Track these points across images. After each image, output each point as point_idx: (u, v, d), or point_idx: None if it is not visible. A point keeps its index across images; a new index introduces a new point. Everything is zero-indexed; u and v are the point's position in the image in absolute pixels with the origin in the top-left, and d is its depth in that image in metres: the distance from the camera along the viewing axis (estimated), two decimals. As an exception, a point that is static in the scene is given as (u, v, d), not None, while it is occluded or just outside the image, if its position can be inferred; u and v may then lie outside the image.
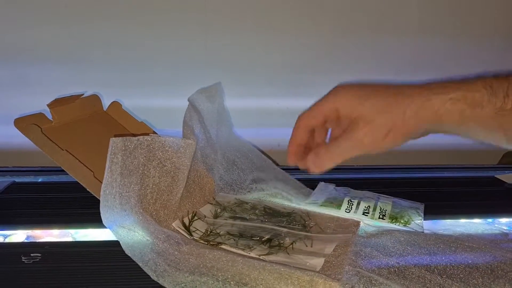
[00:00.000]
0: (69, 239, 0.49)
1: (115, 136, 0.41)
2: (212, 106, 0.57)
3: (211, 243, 0.43)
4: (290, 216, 0.50)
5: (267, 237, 0.45)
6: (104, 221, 0.41)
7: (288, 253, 0.42)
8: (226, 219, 0.48)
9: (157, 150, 0.44)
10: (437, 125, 0.41)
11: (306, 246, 0.44)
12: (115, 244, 0.44)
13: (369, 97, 0.42)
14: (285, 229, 0.46)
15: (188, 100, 0.53)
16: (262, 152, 0.63)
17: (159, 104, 0.63)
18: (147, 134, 0.43)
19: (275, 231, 0.45)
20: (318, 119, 0.45)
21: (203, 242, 0.44)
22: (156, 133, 0.55)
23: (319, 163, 0.44)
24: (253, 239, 0.44)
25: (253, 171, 0.58)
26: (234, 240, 0.44)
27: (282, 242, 0.44)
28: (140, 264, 0.39)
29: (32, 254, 0.43)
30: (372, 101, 0.42)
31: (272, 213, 0.50)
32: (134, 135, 0.42)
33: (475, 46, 0.67)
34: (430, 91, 0.41)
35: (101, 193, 0.40)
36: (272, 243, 0.44)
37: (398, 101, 0.41)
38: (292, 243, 0.44)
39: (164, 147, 0.44)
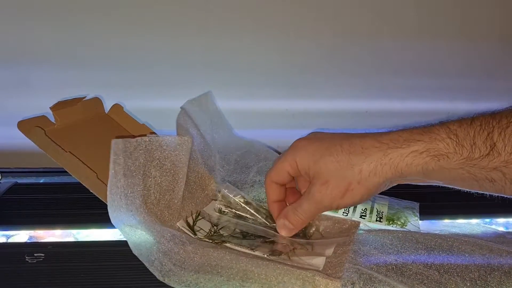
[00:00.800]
0: (71, 239, 0.50)
1: (116, 137, 0.41)
2: (205, 114, 0.58)
3: (215, 241, 0.44)
4: None
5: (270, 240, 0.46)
6: (112, 221, 0.42)
7: (289, 257, 0.43)
8: (229, 219, 0.49)
9: (155, 150, 0.45)
10: (398, 179, 0.40)
11: (307, 249, 0.45)
12: (117, 244, 0.45)
13: (322, 155, 0.42)
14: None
15: (181, 108, 0.54)
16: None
17: (159, 106, 0.63)
18: (145, 135, 0.44)
19: (277, 238, 0.46)
20: (282, 176, 0.46)
21: (207, 240, 0.44)
22: (155, 133, 0.56)
23: (295, 224, 0.45)
24: (257, 241, 0.45)
25: (258, 162, 0.58)
26: (238, 239, 0.45)
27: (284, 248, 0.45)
28: (146, 264, 0.40)
29: (35, 254, 0.43)
30: (325, 160, 0.41)
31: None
32: (135, 137, 0.43)
33: (473, 47, 0.68)
34: (387, 145, 0.39)
35: (108, 193, 0.41)
36: (274, 247, 0.44)
37: (351, 160, 0.40)
38: (293, 249, 0.44)
39: (162, 147, 0.45)
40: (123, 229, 0.42)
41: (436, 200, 0.58)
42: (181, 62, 0.63)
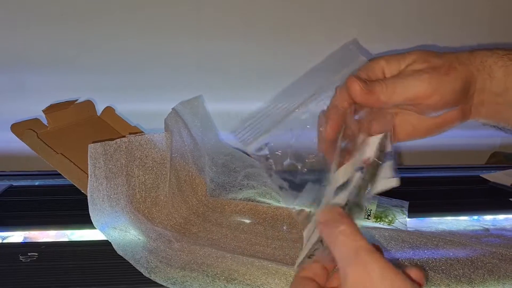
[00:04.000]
0: (65, 239, 0.51)
1: (94, 141, 0.42)
2: (195, 117, 0.59)
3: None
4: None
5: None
6: (95, 224, 0.43)
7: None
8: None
9: (136, 150, 0.45)
10: (485, 82, 0.38)
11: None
12: (108, 243, 0.45)
13: None
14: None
15: (172, 109, 0.55)
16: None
17: (151, 108, 0.64)
18: (124, 136, 0.45)
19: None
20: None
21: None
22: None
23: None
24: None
25: (245, 168, 0.59)
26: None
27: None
28: (132, 262, 0.40)
29: (29, 253, 0.44)
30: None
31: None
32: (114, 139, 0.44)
33: (463, 47, 0.68)
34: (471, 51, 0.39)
35: (88, 197, 0.41)
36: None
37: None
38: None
39: (142, 146, 0.46)
40: (106, 231, 0.43)
41: (426, 199, 0.59)
42: (173, 66, 0.64)
